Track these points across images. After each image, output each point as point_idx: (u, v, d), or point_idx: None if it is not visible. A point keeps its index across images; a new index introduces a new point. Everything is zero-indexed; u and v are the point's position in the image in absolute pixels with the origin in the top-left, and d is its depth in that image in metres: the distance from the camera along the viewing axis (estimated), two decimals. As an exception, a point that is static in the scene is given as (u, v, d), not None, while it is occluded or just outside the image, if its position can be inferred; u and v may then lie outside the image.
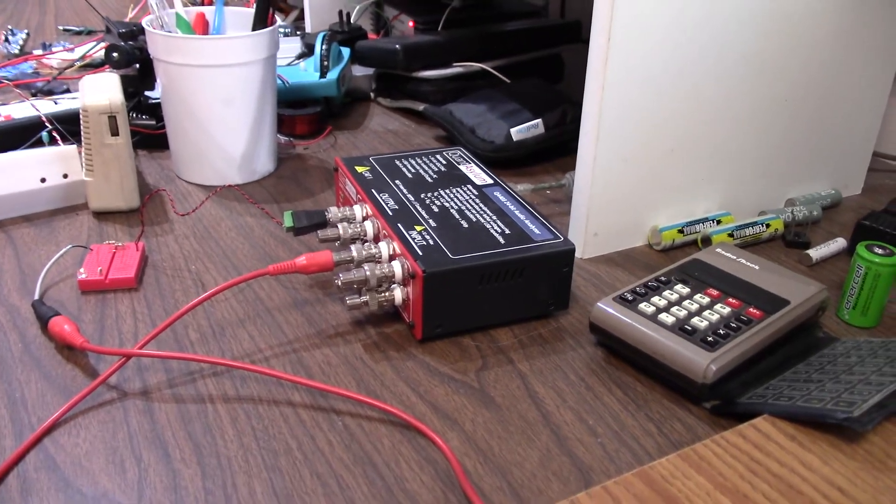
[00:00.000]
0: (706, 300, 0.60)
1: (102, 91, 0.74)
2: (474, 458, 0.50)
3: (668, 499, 0.44)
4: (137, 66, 0.92)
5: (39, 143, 0.85)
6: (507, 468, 0.49)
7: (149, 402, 0.54)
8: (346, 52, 1.08)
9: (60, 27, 1.44)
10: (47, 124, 0.87)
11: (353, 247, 0.62)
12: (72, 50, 1.21)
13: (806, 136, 0.81)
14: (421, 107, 1.03)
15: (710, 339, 0.55)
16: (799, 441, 0.49)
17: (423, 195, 0.68)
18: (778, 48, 0.73)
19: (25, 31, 1.28)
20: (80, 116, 0.74)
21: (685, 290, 0.61)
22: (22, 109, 0.90)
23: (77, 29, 1.42)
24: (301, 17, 1.45)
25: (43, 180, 0.77)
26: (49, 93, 1.04)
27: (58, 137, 0.86)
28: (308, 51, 1.11)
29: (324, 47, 1.00)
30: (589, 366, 0.59)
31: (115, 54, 0.88)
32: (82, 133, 0.74)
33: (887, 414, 0.49)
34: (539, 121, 0.91)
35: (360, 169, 0.73)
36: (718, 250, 0.67)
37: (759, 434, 0.50)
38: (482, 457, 0.50)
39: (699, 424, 0.54)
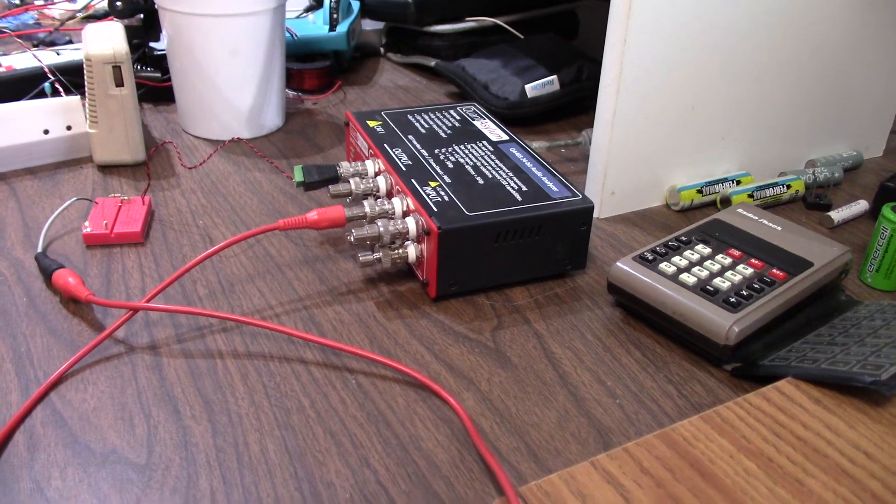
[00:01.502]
0: (728, 261, 0.58)
1: (106, 40, 0.72)
2: (490, 418, 0.49)
3: (691, 461, 0.43)
4: (142, 15, 0.89)
5: (42, 95, 0.83)
6: (524, 429, 0.48)
7: (157, 358, 0.52)
8: (356, 5, 1.05)
9: (62, -22, 1.40)
10: (50, 75, 0.84)
11: (365, 202, 0.60)
12: (73, 0, 1.18)
13: (827, 97, 0.79)
14: (433, 62, 1.01)
15: (732, 300, 0.54)
16: (824, 404, 0.48)
17: (437, 150, 0.66)
18: (802, 7, 0.71)
19: (26, -19, 1.24)
20: (84, 66, 0.71)
21: (706, 251, 0.59)
22: (24, 60, 0.88)
23: (79, -20, 1.39)
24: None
25: (46, 132, 0.75)
26: (51, 44, 1.01)
27: (60, 89, 0.83)
28: (317, 4, 1.08)
29: (333, 0, 0.98)
30: (606, 326, 0.58)
31: (118, 3, 0.86)
32: (86, 84, 0.72)
33: (916, 378, 0.47)
34: (554, 77, 0.89)
35: (371, 123, 0.71)
36: (740, 210, 0.65)
37: (783, 397, 0.48)
38: (498, 417, 0.49)
39: (720, 387, 0.53)
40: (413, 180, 0.61)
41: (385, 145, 0.66)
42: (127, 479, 0.43)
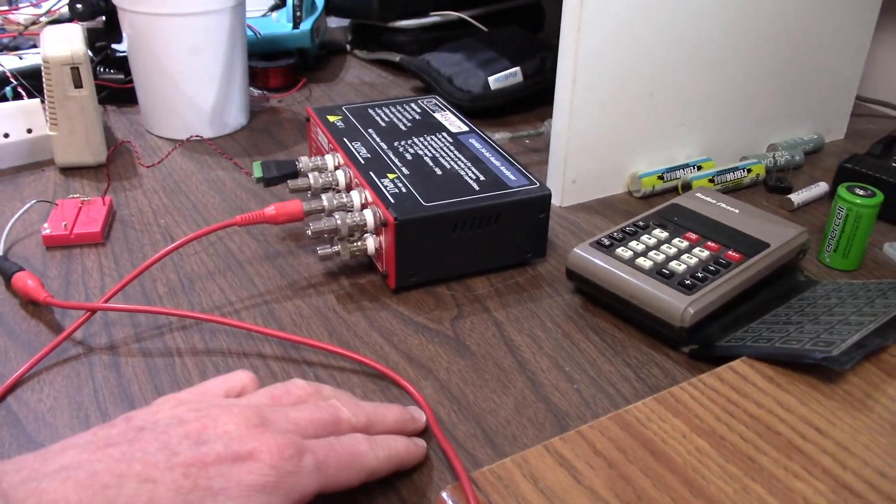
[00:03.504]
0: (685, 244, 0.59)
1: (64, 41, 0.72)
2: (448, 406, 0.49)
3: (643, 441, 0.44)
4: (103, 18, 0.89)
5: (4, 100, 0.83)
6: (482, 415, 0.49)
7: (115, 357, 0.52)
8: (320, 2, 1.05)
9: (28, -17, 1.39)
10: (12, 80, 0.84)
11: (323, 196, 0.60)
12: (38, 5, 1.18)
13: (787, 80, 0.79)
14: (397, 58, 1.01)
15: (687, 282, 0.54)
16: (777, 382, 0.48)
17: (396, 143, 0.67)
18: (759, -13, 0.72)
19: (-10, -14, 1.24)
20: (42, 69, 0.71)
21: (663, 235, 0.60)
22: (-15, 65, 0.87)
23: (45, -15, 1.38)
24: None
25: (6, 136, 0.74)
26: (15, 48, 1.01)
27: (23, 93, 0.83)
28: (281, 2, 1.08)
29: (296, -3, 0.98)
30: (566, 313, 0.58)
31: (78, 6, 0.86)
32: (45, 86, 0.72)
33: (866, 353, 0.48)
34: (517, 69, 0.89)
35: (332, 118, 0.71)
36: (698, 195, 0.65)
37: (736, 376, 0.49)
38: (456, 405, 0.49)
39: (677, 369, 0.53)
40: (371, 173, 0.61)
41: (344, 139, 0.67)
42: (81, 477, 0.43)
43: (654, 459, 0.43)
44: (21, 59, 0.90)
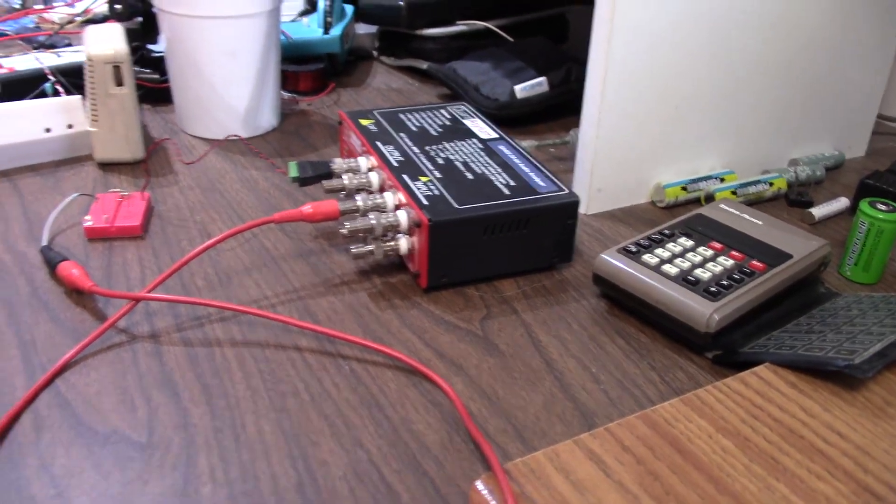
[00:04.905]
0: (709, 253, 0.60)
1: (107, 41, 0.74)
2: (479, 402, 0.51)
3: (670, 440, 0.45)
4: (140, 18, 0.91)
5: (43, 95, 0.85)
6: (512, 412, 0.50)
7: (157, 346, 0.54)
8: (349, 9, 1.07)
9: (60, -17, 1.42)
10: (50, 77, 0.86)
11: (358, 196, 0.62)
12: (72, 5, 1.20)
13: (810, 97, 0.81)
14: (425, 65, 1.03)
15: (713, 289, 0.56)
16: (800, 388, 0.50)
17: (427, 147, 0.68)
18: (787, 8, 0.73)
19: (26, -15, 1.26)
20: (85, 66, 0.73)
21: (689, 243, 0.61)
22: (25, 62, 0.90)
23: (77, -15, 1.41)
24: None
25: (48, 130, 0.77)
26: (51, 46, 1.03)
27: (61, 89, 0.85)
28: (311, 7, 1.10)
29: (327, 3, 1.00)
30: (592, 316, 0.60)
31: (118, 6, 0.88)
32: (87, 83, 0.74)
33: (887, 362, 0.49)
34: (543, 79, 0.91)
35: (364, 122, 0.73)
36: (722, 206, 0.67)
37: (760, 381, 0.50)
38: (487, 401, 0.51)
39: (701, 373, 0.55)
40: (404, 175, 0.63)
41: (377, 143, 0.68)
42: (129, 457, 0.45)
43: (681, 457, 0.44)
44: (59, 56, 0.92)
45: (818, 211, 0.74)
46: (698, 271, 0.58)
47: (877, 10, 0.79)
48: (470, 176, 0.64)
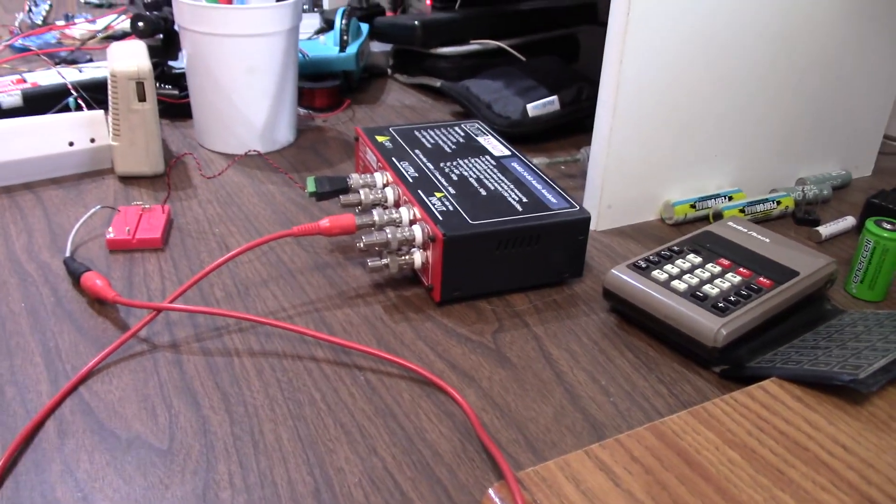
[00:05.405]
0: (717, 269, 0.61)
1: (130, 57, 0.76)
2: (491, 412, 0.52)
3: (678, 451, 0.46)
4: (161, 36, 0.93)
5: (66, 110, 0.87)
6: (523, 423, 0.51)
7: (178, 355, 0.56)
8: (364, 27, 1.10)
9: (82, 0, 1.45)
10: (73, 91, 0.88)
11: (374, 211, 0.64)
12: (94, 21, 1.23)
13: (818, 118, 0.82)
14: (438, 83, 1.05)
15: (720, 304, 0.57)
16: (805, 402, 0.51)
17: (442, 164, 0.70)
18: (794, 29, 0.75)
19: (48, 1, 1.29)
20: (109, 82, 0.75)
21: (697, 260, 0.63)
22: (48, 77, 0.92)
23: (98, 1, 1.44)
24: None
25: (71, 144, 0.79)
26: (73, 62, 1.06)
27: (83, 104, 0.87)
28: (327, 26, 1.12)
29: (343, 22, 1.02)
30: (602, 330, 0.61)
31: (140, 23, 0.90)
32: (110, 98, 0.76)
33: (891, 377, 0.50)
34: (555, 97, 0.93)
35: (380, 138, 0.74)
36: (730, 223, 0.68)
37: (766, 395, 0.51)
38: (498, 411, 0.52)
39: (708, 387, 0.56)
40: (419, 191, 0.65)
41: (393, 159, 0.70)
42: (150, 463, 0.46)
43: (689, 468, 0.45)
44: (81, 71, 0.95)
45: (825, 229, 0.76)
46: (706, 287, 0.59)
47: (884, 31, 0.80)
48: (483, 192, 0.65)
